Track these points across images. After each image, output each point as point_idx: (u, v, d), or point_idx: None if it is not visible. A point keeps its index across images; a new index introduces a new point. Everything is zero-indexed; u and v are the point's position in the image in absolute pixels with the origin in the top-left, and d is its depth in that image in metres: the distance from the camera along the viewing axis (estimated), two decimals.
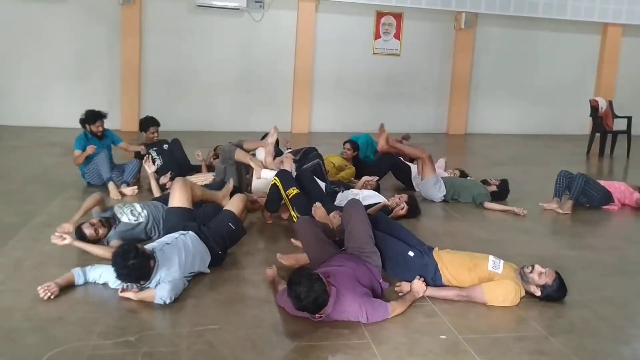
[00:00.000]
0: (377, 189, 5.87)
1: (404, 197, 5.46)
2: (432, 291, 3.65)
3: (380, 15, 11.59)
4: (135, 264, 3.35)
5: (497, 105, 12.52)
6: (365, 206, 4.89)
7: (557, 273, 3.70)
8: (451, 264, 3.79)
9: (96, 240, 4.24)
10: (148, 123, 6.90)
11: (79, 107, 10.38)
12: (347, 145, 7.04)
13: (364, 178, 5.86)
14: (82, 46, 10.33)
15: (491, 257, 3.81)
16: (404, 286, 3.67)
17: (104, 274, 3.62)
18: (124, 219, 4.46)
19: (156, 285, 3.47)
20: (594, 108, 10.21)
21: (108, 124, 10.42)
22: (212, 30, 10.82)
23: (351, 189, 5.46)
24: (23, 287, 3.59)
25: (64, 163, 7.29)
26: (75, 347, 2.90)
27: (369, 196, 5.24)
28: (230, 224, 4.18)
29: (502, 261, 3.81)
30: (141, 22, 10.43)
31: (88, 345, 2.92)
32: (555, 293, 3.66)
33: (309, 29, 11.16)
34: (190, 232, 3.95)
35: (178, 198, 4.28)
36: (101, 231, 4.29)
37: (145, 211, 4.56)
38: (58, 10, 10.15)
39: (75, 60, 10.34)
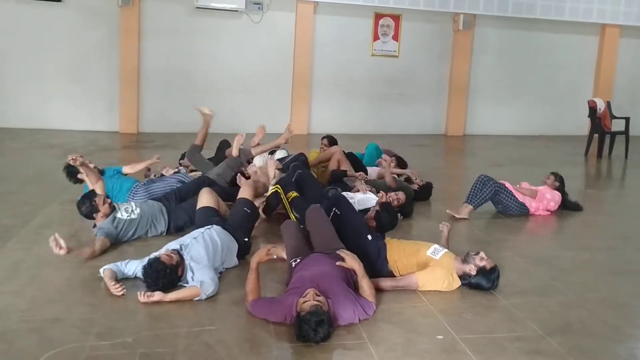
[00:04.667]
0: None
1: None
2: (372, 282, 3.58)
3: (378, 16, 11.62)
4: (165, 282, 3.56)
5: (495, 106, 12.55)
6: (360, 210, 4.94)
7: (496, 267, 3.86)
8: (396, 249, 3.99)
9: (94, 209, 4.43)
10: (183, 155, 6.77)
11: (78, 109, 10.54)
12: (324, 141, 7.13)
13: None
14: (81, 48, 10.34)
15: (434, 245, 3.99)
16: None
17: (138, 268, 3.75)
18: (118, 214, 4.53)
19: (202, 284, 3.57)
20: (592, 109, 10.22)
21: (107, 125, 10.53)
22: (211, 32, 10.84)
23: (346, 192, 5.47)
24: (20, 288, 3.60)
25: (62, 165, 7.28)
26: (72, 348, 2.91)
27: (363, 199, 5.32)
28: (245, 208, 4.51)
29: (444, 250, 3.96)
30: (140, 24, 10.46)
31: (85, 346, 2.93)
32: (487, 281, 3.80)
33: (308, 31, 11.18)
34: (214, 225, 4.15)
35: (205, 200, 4.58)
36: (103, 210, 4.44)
37: (138, 209, 4.67)
38: (57, 12, 10.16)
39: (74, 62, 10.36)
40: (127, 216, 4.56)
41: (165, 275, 3.55)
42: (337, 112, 11.67)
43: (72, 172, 5.38)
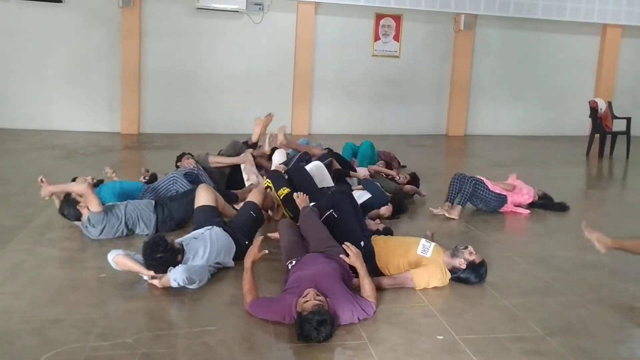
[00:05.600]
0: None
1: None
2: (370, 280, 3.61)
3: (379, 17, 11.62)
4: (162, 257, 3.59)
5: (496, 106, 12.53)
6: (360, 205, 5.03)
7: (484, 261, 3.95)
8: (384, 250, 4.02)
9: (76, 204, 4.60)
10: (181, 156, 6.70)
11: (79, 110, 10.55)
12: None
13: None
14: (82, 49, 10.35)
15: (422, 241, 4.02)
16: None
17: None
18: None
19: (170, 269, 3.63)
20: (594, 109, 10.21)
21: (108, 126, 10.55)
22: (212, 33, 10.84)
23: None
24: (21, 289, 3.61)
25: (63, 166, 7.32)
26: (72, 348, 2.91)
27: (359, 197, 5.39)
28: (251, 212, 4.49)
29: (432, 245, 3.99)
30: (141, 25, 10.46)
31: (86, 346, 2.93)
32: (476, 276, 3.89)
33: (309, 31, 11.19)
34: (215, 226, 4.17)
35: (204, 198, 4.58)
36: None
37: (123, 203, 4.83)
38: (58, 13, 10.17)
39: (75, 63, 10.36)
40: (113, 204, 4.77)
41: (165, 250, 3.59)
42: (338, 113, 11.67)
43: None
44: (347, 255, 3.53)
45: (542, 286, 4.02)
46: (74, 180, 5.22)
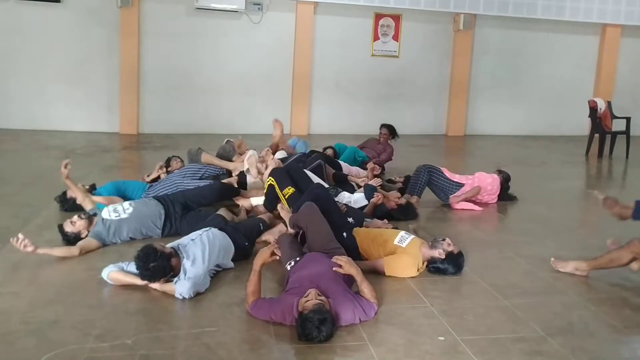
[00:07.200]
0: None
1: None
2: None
3: (378, 17, 11.61)
4: (155, 266, 3.53)
5: (496, 106, 12.54)
6: (359, 208, 4.99)
7: (461, 252, 4.12)
8: (365, 240, 4.18)
9: (77, 235, 4.36)
10: (169, 159, 6.52)
11: (78, 110, 10.54)
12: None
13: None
14: (81, 49, 10.34)
15: (401, 233, 4.19)
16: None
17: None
18: (105, 216, 4.52)
19: (176, 282, 3.58)
20: (593, 109, 10.21)
21: (107, 126, 10.52)
22: (211, 33, 10.84)
23: (343, 192, 5.48)
24: (20, 289, 3.60)
25: (60, 166, 7.27)
26: (71, 350, 2.90)
27: (359, 199, 5.36)
28: (261, 223, 4.63)
29: (411, 237, 4.13)
30: (140, 25, 10.45)
31: (85, 348, 2.91)
32: (454, 266, 4.04)
33: (308, 31, 11.18)
34: (212, 228, 4.15)
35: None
36: (79, 223, 4.38)
37: (131, 209, 4.63)
38: (57, 13, 10.16)
39: (74, 63, 10.35)
40: (117, 216, 4.54)
41: (156, 258, 3.52)
42: (337, 113, 11.67)
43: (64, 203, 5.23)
44: (340, 266, 3.48)
45: (543, 286, 4.01)
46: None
